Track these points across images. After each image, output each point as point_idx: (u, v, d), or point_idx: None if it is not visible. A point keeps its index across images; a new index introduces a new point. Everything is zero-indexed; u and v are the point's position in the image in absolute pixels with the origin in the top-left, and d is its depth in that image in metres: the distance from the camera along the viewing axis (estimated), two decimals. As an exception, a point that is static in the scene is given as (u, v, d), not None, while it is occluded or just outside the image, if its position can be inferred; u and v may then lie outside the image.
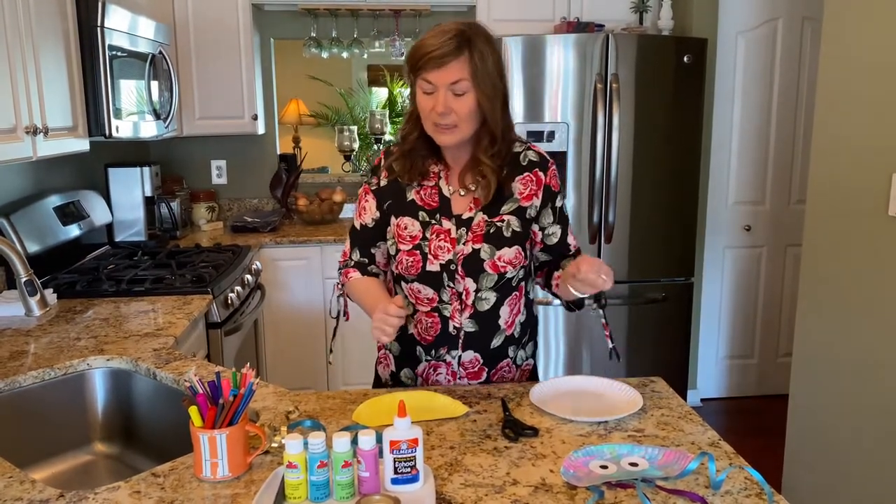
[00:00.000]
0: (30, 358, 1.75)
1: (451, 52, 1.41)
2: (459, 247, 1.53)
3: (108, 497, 1.13)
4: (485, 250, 1.53)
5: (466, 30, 1.45)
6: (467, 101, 1.45)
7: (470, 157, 1.55)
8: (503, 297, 1.58)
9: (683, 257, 3.39)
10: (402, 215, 1.57)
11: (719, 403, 3.92)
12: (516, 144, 1.58)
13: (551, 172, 1.59)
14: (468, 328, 1.58)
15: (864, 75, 2.16)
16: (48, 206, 2.59)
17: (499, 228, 1.54)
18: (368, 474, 1.09)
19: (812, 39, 3.62)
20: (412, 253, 1.55)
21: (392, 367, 1.67)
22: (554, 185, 1.59)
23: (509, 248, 1.54)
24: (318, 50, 3.91)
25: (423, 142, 1.55)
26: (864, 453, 2.20)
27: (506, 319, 1.60)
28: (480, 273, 1.54)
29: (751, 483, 1.15)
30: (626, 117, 3.19)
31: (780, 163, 3.76)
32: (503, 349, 1.62)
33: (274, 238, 3.47)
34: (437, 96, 1.44)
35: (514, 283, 1.59)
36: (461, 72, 1.42)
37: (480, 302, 1.56)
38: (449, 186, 1.57)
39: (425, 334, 1.59)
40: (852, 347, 2.23)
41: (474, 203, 1.55)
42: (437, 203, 1.56)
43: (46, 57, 2.14)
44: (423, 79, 1.44)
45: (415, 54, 1.45)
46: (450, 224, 1.55)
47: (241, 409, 1.19)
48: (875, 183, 2.11)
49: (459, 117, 1.45)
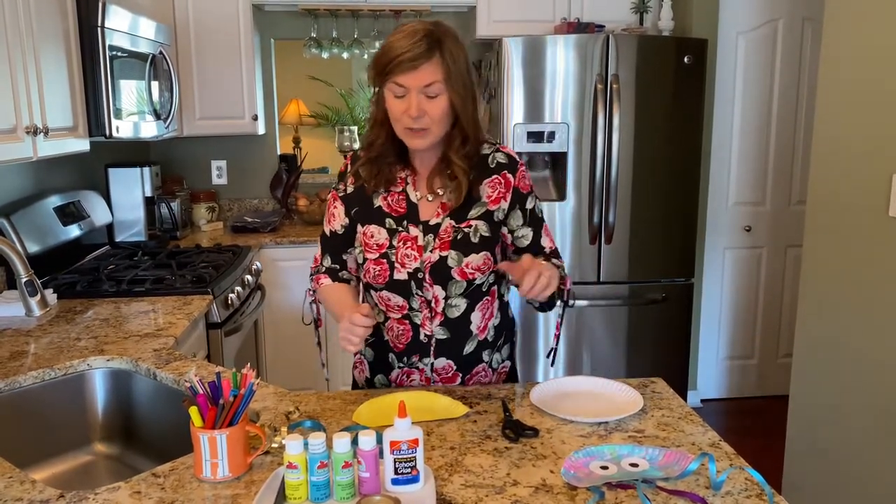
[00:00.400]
0: (30, 358, 1.75)
1: (422, 54, 1.38)
2: (426, 254, 1.50)
3: (108, 497, 1.13)
4: (452, 257, 1.50)
5: (435, 30, 1.42)
6: (440, 103, 1.42)
7: (439, 159, 1.53)
8: (474, 302, 1.56)
9: (684, 258, 3.39)
10: (368, 223, 1.54)
11: (719, 404, 3.92)
12: (485, 146, 1.56)
13: (520, 174, 1.56)
14: (439, 335, 1.55)
15: (865, 76, 2.16)
16: (48, 206, 2.59)
17: (466, 234, 1.51)
18: (369, 475, 1.09)
19: (812, 40, 3.62)
20: (379, 262, 1.52)
21: (367, 372, 1.66)
22: (522, 186, 1.56)
23: (477, 254, 1.50)
24: (319, 50, 3.91)
25: (390, 147, 1.52)
26: (864, 454, 2.20)
27: (478, 325, 1.58)
28: (449, 280, 1.51)
29: (751, 484, 1.15)
30: (626, 118, 3.19)
31: (781, 164, 3.76)
32: (477, 354, 1.60)
33: (274, 238, 3.47)
34: (410, 99, 1.41)
35: (485, 289, 1.57)
36: (434, 74, 1.40)
37: (451, 309, 1.54)
38: (416, 192, 1.54)
39: (397, 342, 1.58)
40: (853, 348, 2.23)
41: (442, 208, 1.52)
42: (405, 209, 1.53)
43: (47, 57, 2.14)
44: (395, 82, 1.41)
45: (383, 57, 1.42)
46: (417, 231, 1.52)
47: (241, 409, 1.19)
48: (875, 184, 2.11)
49: (433, 120, 1.43)
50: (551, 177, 3.30)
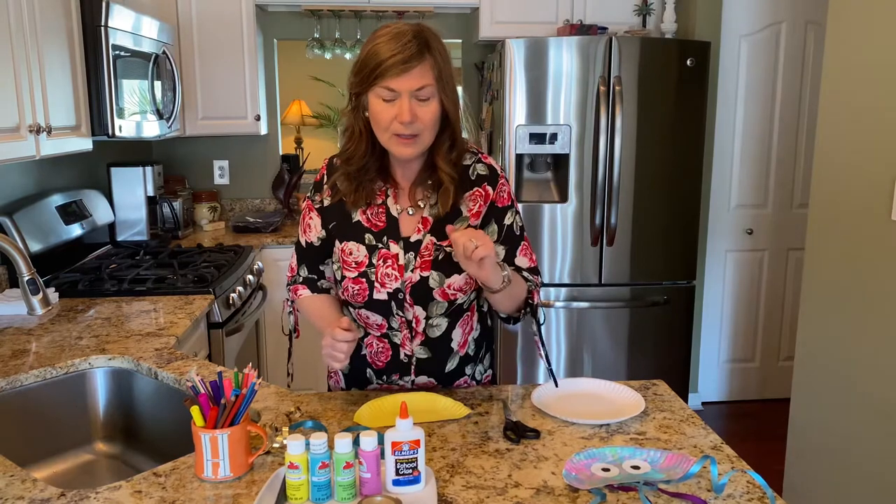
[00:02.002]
0: (31, 357, 1.75)
1: (413, 55, 1.31)
2: (408, 274, 1.44)
3: (109, 496, 1.13)
4: (433, 278, 1.44)
5: (421, 31, 1.35)
6: (432, 107, 1.35)
7: (422, 167, 1.46)
8: (455, 321, 1.52)
9: (685, 260, 3.39)
10: (346, 240, 1.47)
11: (720, 407, 3.92)
12: (467, 155, 1.48)
13: (500, 186, 1.49)
14: (420, 355, 1.52)
15: (868, 80, 2.16)
16: (51, 205, 2.60)
17: (448, 254, 1.43)
18: (370, 475, 1.09)
19: (815, 44, 3.62)
20: (358, 280, 1.46)
21: (342, 384, 1.63)
22: (500, 200, 1.48)
23: (459, 274, 1.44)
24: (321, 51, 3.92)
25: (371, 161, 1.44)
26: (865, 457, 2.20)
27: (459, 342, 1.54)
28: (430, 301, 1.46)
29: (753, 487, 1.15)
30: (628, 120, 3.19)
31: (783, 167, 3.76)
32: (459, 370, 1.57)
33: (276, 238, 3.47)
34: (401, 104, 1.33)
35: (466, 306, 1.53)
36: (425, 76, 1.33)
37: (432, 329, 1.50)
38: (397, 205, 1.47)
39: (376, 359, 1.54)
40: (854, 351, 2.23)
41: (423, 223, 1.46)
42: (385, 223, 1.46)
43: (50, 56, 2.14)
44: (384, 87, 1.32)
45: (369, 62, 1.33)
46: (397, 248, 1.45)
47: (242, 409, 1.19)
48: (878, 187, 2.10)
49: (424, 125, 1.36)
50: (553, 178, 3.30)
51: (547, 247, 3.27)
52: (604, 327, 3.35)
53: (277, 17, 3.90)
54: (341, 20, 3.87)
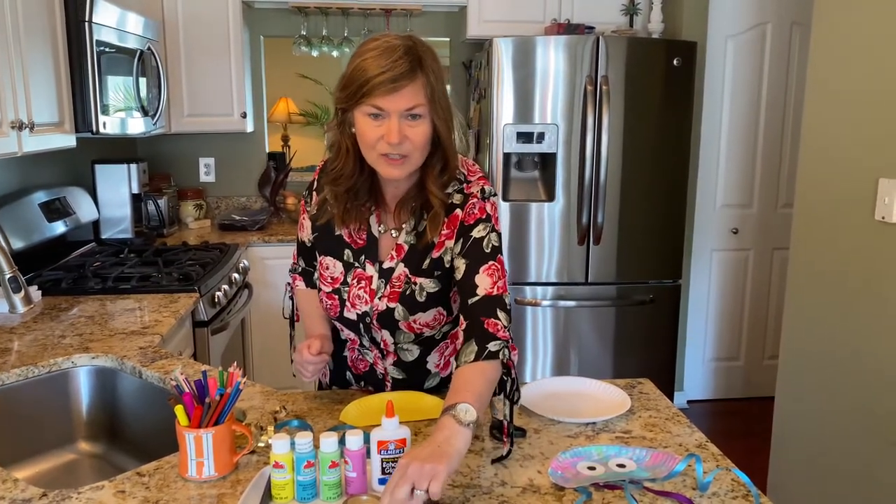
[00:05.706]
0: (13, 356, 1.73)
1: (404, 73, 1.22)
2: (376, 301, 1.41)
3: (91, 496, 1.12)
4: (399, 311, 1.40)
5: (413, 46, 1.26)
6: (422, 128, 1.27)
7: (412, 186, 1.38)
8: (428, 349, 1.49)
9: (671, 259, 3.40)
10: (325, 254, 1.46)
11: (706, 405, 3.94)
12: (452, 183, 1.38)
13: (468, 207, 1.37)
14: (395, 375, 1.51)
15: (852, 80, 2.18)
16: (34, 202, 2.57)
17: (413, 291, 1.39)
18: (356, 474, 1.09)
19: (801, 44, 3.64)
20: (331, 296, 1.45)
21: (328, 378, 1.63)
22: (468, 218, 1.37)
23: (424, 312, 1.40)
24: (308, 48, 3.90)
25: (360, 181, 1.37)
26: (849, 455, 2.22)
27: (436, 363, 1.51)
28: (396, 330, 1.43)
29: (738, 485, 1.15)
30: (615, 119, 3.20)
31: (768, 166, 3.78)
32: (440, 388, 1.53)
33: (262, 236, 3.46)
34: (390, 124, 1.24)
35: (439, 337, 1.48)
36: (416, 96, 1.24)
37: (403, 352, 1.48)
38: (380, 225, 1.42)
39: (355, 365, 1.56)
40: (838, 350, 2.25)
41: (397, 251, 1.40)
42: (365, 241, 1.42)
43: (33, 51, 2.12)
44: (372, 105, 1.24)
45: (356, 78, 1.24)
46: (373, 270, 1.41)
47: (227, 408, 1.18)
48: (862, 187, 2.12)
49: (414, 146, 1.27)
50: (540, 177, 3.31)
51: (534, 246, 3.27)
52: (590, 326, 3.36)
53: (264, 14, 3.88)
54: (328, 17, 3.85)
